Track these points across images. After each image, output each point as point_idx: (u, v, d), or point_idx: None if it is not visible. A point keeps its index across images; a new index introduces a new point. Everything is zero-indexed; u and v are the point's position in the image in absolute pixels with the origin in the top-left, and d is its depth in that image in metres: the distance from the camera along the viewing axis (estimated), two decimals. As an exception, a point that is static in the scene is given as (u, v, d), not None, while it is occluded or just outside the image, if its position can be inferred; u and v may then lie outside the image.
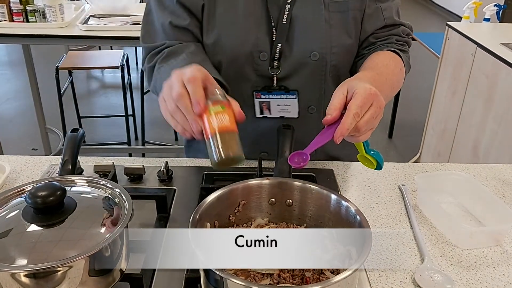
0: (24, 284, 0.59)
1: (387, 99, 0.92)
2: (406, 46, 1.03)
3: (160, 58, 0.94)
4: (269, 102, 0.98)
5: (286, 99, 0.98)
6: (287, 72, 0.96)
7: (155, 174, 1.00)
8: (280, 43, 0.94)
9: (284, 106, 0.99)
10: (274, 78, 0.96)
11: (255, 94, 0.98)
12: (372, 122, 0.73)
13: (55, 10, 2.31)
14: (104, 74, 4.48)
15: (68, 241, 0.63)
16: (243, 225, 0.76)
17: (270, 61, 0.95)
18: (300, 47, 0.94)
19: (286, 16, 0.92)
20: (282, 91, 0.97)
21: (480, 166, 1.10)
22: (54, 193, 0.64)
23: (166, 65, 0.91)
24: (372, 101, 0.72)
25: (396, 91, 1.00)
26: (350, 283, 0.62)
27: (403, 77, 1.00)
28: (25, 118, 3.52)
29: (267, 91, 0.98)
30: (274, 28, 0.93)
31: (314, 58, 0.94)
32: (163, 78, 0.87)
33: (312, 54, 0.94)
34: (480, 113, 2.22)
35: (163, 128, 3.35)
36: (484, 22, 2.62)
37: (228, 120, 0.69)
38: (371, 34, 1.00)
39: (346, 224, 0.71)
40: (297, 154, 0.71)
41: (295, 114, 1.00)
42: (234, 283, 0.57)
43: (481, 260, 0.81)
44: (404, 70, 1.00)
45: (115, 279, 0.67)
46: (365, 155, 0.78)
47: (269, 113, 1.00)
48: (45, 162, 1.05)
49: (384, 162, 1.08)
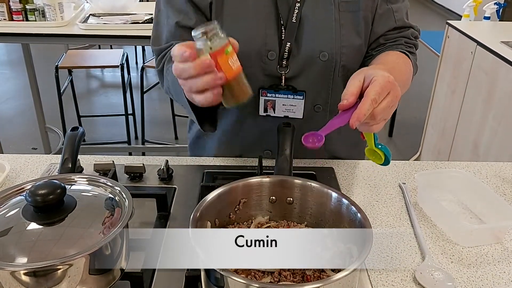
0: (24, 282, 0.59)
1: None
2: (414, 48, 1.03)
3: (167, 60, 0.95)
4: (275, 101, 0.98)
5: (292, 99, 0.98)
6: (296, 71, 0.96)
7: (155, 173, 0.99)
8: (289, 42, 0.93)
9: (289, 106, 0.98)
10: (282, 77, 0.96)
11: (261, 92, 0.97)
12: (388, 111, 0.73)
13: (54, 9, 2.31)
14: (104, 73, 4.48)
15: (68, 240, 0.63)
16: (243, 223, 0.76)
17: (279, 60, 0.94)
18: (309, 47, 0.94)
19: (296, 15, 0.91)
20: (290, 91, 0.97)
21: (481, 164, 1.10)
22: (54, 191, 0.64)
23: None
24: (390, 89, 0.72)
25: (405, 90, 0.99)
26: (351, 281, 0.62)
27: (411, 77, 1.00)
28: (25, 117, 3.52)
29: (274, 90, 0.97)
30: (283, 27, 0.92)
31: (324, 58, 0.94)
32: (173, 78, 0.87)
33: (321, 54, 0.94)
34: (480, 111, 2.22)
35: (163, 127, 3.35)
36: (484, 21, 2.62)
37: (237, 59, 0.69)
38: (381, 36, 0.99)
39: (347, 222, 0.71)
40: (311, 134, 0.71)
41: (299, 115, 0.99)
42: (235, 281, 0.57)
43: (481, 258, 0.81)
44: (412, 71, 1.00)
45: (115, 278, 0.67)
46: (374, 148, 0.78)
47: (273, 112, 0.99)
48: (45, 161, 1.05)
49: (385, 160, 1.10)
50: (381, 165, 0.80)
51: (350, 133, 1.09)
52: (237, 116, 1.02)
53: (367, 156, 0.81)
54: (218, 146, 1.09)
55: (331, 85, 0.98)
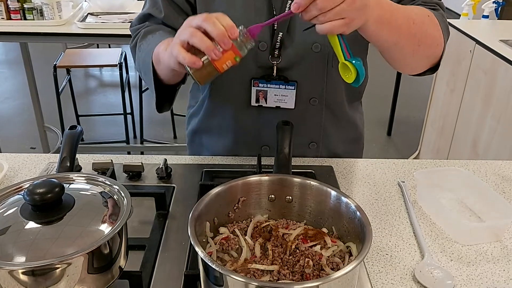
0: (23, 281, 0.59)
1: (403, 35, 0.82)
2: (438, 7, 0.93)
3: (139, 38, 0.98)
4: (267, 91, 0.98)
5: (284, 90, 0.98)
6: (288, 62, 0.96)
7: (154, 172, 0.99)
8: (281, 33, 0.93)
9: (281, 97, 0.98)
10: (274, 67, 0.96)
11: (253, 82, 0.97)
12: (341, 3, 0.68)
13: (52, 8, 2.31)
14: (102, 72, 4.47)
15: (67, 238, 0.63)
16: (242, 222, 0.76)
17: (271, 50, 0.94)
18: (301, 38, 0.93)
19: (289, 5, 0.91)
20: (281, 81, 0.97)
21: (480, 162, 1.10)
22: (52, 190, 0.64)
23: (144, 42, 0.94)
24: None
25: (425, 37, 0.86)
26: (350, 279, 0.62)
27: (435, 26, 0.88)
28: (23, 117, 3.51)
29: (266, 80, 0.97)
30: None
31: (316, 50, 0.93)
32: (143, 55, 0.92)
33: (314, 45, 0.93)
34: (479, 110, 2.22)
35: (161, 126, 3.34)
36: (483, 19, 2.62)
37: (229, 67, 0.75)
38: None
39: (346, 220, 0.71)
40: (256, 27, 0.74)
41: (291, 105, 0.99)
42: (234, 280, 0.57)
43: (481, 256, 0.81)
44: (437, 21, 0.89)
45: (114, 276, 0.67)
46: (344, 61, 0.73)
47: (265, 102, 0.99)
48: (43, 160, 1.05)
49: (383, 159, 1.09)
50: (352, 84, 0.74)
51: (348, 129, 1.09)
52: (229, 108, 1.03)
53: (340, 73, 0.75)
54: (215, 142, 1.09)
55: (326, 77, 0.98)
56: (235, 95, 1.00)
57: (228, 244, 0.69)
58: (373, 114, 3.42)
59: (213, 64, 0.73)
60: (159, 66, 0.87)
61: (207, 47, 0.71)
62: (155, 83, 0.89)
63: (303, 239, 0.70)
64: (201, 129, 1.11)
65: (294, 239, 0.70)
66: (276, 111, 1.00)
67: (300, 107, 1.00)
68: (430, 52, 0.91)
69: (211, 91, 1.04)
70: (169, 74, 0.87)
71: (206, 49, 0.71)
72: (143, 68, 0.93)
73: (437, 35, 0.90)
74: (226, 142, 1.08)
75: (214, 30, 0.70)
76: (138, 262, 0.75)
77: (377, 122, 3.44)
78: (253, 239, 0.71)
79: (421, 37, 0.86)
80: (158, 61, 0.86)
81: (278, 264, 0.66)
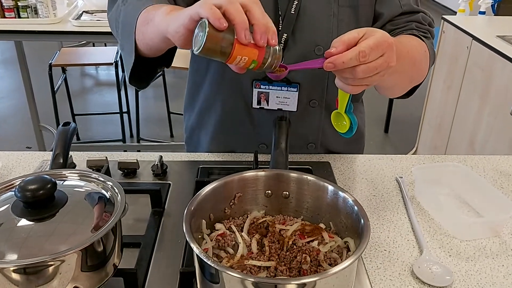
0: (14, 280, 0.58)
1: (404, 77, 0.85)
2: (429, 34, 0.95)
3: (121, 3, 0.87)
4: (268, 93, 0.96)
5: (286, 92, 0.96)
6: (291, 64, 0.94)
7: (149, 169, 0.98)
8: (286, 33, 0.91)
9: (283, 99, 0.97)
10: None
11: (255, 84, 0.96)
12: (374, 74, 0.66)
13: (47, 6, 2.29)
14: (98, 71, 4.45)
15: (60, 236, 0.62)
16: (238, 218, 0.75)
17: None
18: (305, 40, 0.92)
19: (295, 6, 0.90)
20: (284, 83, 0.96)
21: (478, 158, 1.09)
22: (44, 187, 0.63)
23: (127, 4, 0.84)
24: (385, 51, 0.66)
25: (418, 75, 0.90)
26: (348, 275, 0.61)
27: (427, 62, 0.92)
28: (19, 116, 3.49)
29: (268, 81, 0.96)
30: (281, 18, 0.91)
31: (319, 52, 0.92)
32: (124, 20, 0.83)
33: (316, 48, 0.92)
34: (476, 107, 2.22)
35: (158, 125, 3.33)
36: (480, 15, 2.62)
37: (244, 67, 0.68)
38: (388, 22, 0.94)
39: (344, 216, 0.70)
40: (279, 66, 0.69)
41: (293, 107, 0.98)
42: (230, 276, 0.56)
43: (479, 251, 0.80)
44: (428, 55, 0.91)
45: (108, 274, 0.66)
46: (342, 113, 0.75)
47: (266, 105, 0.98)
48: (38, 158, 1.04)
49: (381, 155, 1.09)
50: (342, 135, 0.76)
51: None
52: (229, 108, 1.01)
53: (332, 121, 0.76)
54: (212, 139, 1.08)
55: (327, 80, 0.97)
56: (236, 96, 0.99)
57: (224, 241, 0.68)
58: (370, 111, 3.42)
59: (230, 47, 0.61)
60: (147, 27, 0.75)
61: (243, 20, 0.60)
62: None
63: (300, 234, 0.69)
64: (199, 126, 1.10)
65: (291, 235, 0.69)
66: (276, 111, 0.98)
67: (299, 109, 0.99)
68: (415, 83, 0.94)
69: (211, 89, 1.02)
70: (154, 39, 0.75)
71: (240, 22, 0.60)
72: (123, 34, 0.83)
73: (426, 68, 0.92)
74: (223, 141, 1.07)
75: (261, 18, 0.62)
76: (133, 259, 0.74)
77: (374, 120, 3.44)
78: (249, 235, 0.70)
79: (415, 75, 0.90)
80: (146, 21, 0.76)
81: (275, 260, 0.65)
